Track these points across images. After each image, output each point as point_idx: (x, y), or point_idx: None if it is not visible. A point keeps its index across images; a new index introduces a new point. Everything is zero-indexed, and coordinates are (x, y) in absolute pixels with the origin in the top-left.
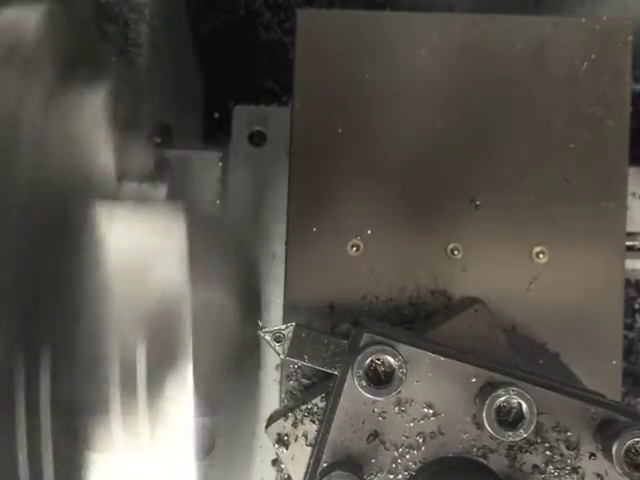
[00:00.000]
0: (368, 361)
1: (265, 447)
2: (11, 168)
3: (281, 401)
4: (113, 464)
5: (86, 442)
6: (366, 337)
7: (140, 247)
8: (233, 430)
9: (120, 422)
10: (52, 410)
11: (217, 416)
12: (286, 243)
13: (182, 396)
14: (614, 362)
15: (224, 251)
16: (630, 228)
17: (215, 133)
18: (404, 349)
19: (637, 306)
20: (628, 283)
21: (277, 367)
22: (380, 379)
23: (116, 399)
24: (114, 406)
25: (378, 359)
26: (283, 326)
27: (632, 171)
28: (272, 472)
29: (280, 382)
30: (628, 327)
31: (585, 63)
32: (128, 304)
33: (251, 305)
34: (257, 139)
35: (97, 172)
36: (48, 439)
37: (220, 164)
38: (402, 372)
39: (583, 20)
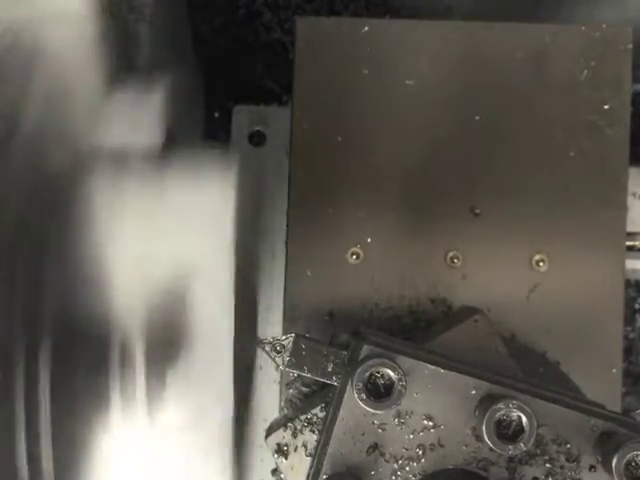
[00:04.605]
0: (367, 374)
1: (265, 447)
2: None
3: (280, 410)
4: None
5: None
6: (366, 349)
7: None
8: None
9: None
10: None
11: None
12: (286, 243)
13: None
14: (614, 371)
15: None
16: (630, 228)
17: (215, 133)
18: (404, 361)
19: (637, 306)
20: (628, 283)
21: (277, 368)
22: (380, 392)
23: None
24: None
25: (378, 372)
26: (283, 337)
27: (632, 171)
28: None
29: (280, 391)
30: (628, 327)
31: (585, 71)
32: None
33: (249, 307)
34: (257, 139)
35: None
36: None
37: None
38: (402, 385)
39: (583, 28)
